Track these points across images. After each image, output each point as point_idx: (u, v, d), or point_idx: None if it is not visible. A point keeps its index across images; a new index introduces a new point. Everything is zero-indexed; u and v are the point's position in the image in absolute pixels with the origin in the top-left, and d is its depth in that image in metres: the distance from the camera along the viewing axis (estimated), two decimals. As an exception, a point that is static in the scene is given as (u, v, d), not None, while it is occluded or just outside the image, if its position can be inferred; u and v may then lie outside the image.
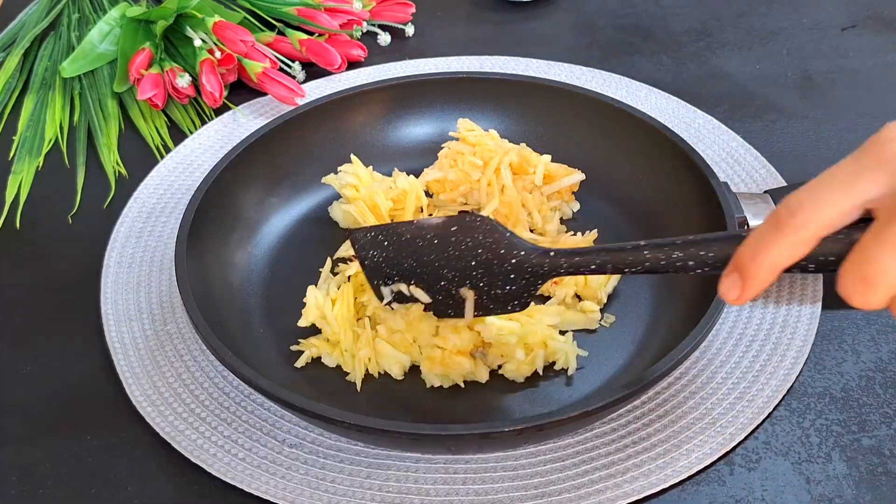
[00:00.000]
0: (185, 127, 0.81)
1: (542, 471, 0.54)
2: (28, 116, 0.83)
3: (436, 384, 0.58)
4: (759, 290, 0.44)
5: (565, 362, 0.59)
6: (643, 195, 0.69)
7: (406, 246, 0.56)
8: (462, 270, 0.55)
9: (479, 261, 0.54)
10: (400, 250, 0.56)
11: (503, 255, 0.53)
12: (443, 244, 0.55)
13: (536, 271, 0.53)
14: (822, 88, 0.84)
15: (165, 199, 0.73)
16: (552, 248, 0.53)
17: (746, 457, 0.55)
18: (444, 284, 0.55)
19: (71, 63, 0.85)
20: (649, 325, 0.61)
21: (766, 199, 0.62)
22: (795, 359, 0.59)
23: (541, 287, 0.53)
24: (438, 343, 0.58)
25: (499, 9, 0.96)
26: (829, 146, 0.77)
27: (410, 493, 0.53)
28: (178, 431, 0.56)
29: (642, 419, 0.56)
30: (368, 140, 0.74)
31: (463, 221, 0.55)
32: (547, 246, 0.63)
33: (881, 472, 0.54)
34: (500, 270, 0.53)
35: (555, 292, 0.62)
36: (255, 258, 0.67)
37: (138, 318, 0.63)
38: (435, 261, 0.55)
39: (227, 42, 0.82)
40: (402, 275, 0.57)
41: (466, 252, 0.54)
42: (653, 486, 0.53)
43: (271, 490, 0.53)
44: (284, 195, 0.71)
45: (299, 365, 0.60)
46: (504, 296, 0.54)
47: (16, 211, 0.74)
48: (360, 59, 0.88)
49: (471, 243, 0.54)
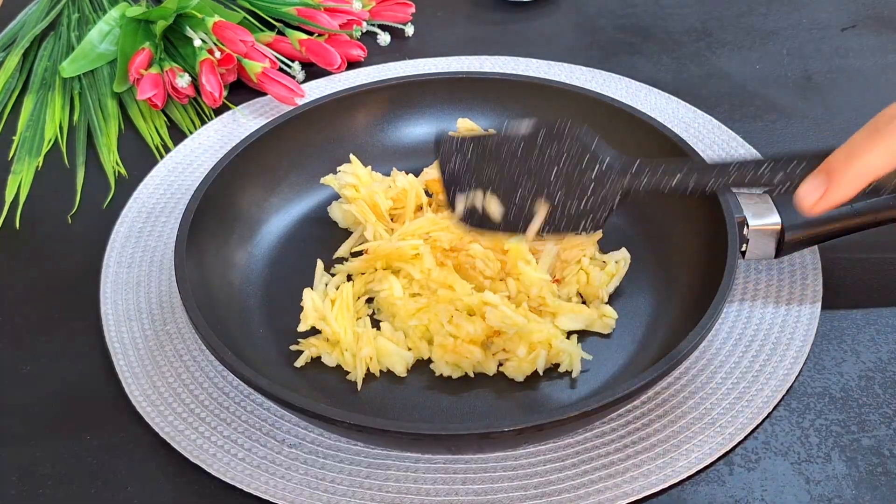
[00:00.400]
0: (185, 127, 0.81)
1: (542, 471, 0.54)
2: (28, 116, 0.83)
3: (445, 373, 0.58)
4: (841, 197, 0.43)
5: (569, 364, 0.59)
6: (643, 195, 0.68)
7: (490, 154, 0.55)
8: (541, 180, 0.54)
9: (560, 170, 0.53)
10: (482, 159, 0.56)
11: (587, 165, 0.52)
12: (527, 152, 0.54)
13: (615, 186, 0.52)
14: (822, 88, 0.84)
15: (165, 199, 0.73)
16: (637, 158, 0.52)
17: (746, 457, 0.55)
18: (520, 194, 0.55)
19: (71, 63, 0.85)
20: (649, 325, 0.61)
21: (765, 199, 0.62)
22: (795, 359, 0.59)
23: (617, 205, 0.53)
24: (451, 331, 0.58)
25: (499, 9, 0.96)
26: (829, 146, 0.77)
27: (410, 493, 0.53)
28: (177, 431, 0.56)
29: (642, 419, 0.56)
30: (368, 140, 0.74)
31: (551, 129, 0.54)
32: (552, 239, 0.63)
33: (881, 472, 0.54)
34: (579, 182, 0.53)
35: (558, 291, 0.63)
36: (255, 258, 0.67)
37: (138, 318, 0.63)
38: (516, 168, 0.54)
39: (227, 42, 0.82)
40: (480, 183, 0.56)
41: (549, 161, 0.53)
42: (653, 486, 0.53)
43: (271, 490, 0.53)
44: (284, 195, 0.71)
45: (299, 365, 0.60)
46: (577, 212, 0.53)
47: (16, 211, 0.74)
48: (360, 59, 0.88)
49: (556, 150, 0.53)
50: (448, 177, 0.57)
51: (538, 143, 0.54)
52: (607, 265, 0.63)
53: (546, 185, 0.54)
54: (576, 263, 0.62)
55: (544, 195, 0.54)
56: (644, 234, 0.67)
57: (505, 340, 0.59)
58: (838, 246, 0.65)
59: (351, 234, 0.69)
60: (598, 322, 0.61)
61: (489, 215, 0.56)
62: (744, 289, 0.64)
